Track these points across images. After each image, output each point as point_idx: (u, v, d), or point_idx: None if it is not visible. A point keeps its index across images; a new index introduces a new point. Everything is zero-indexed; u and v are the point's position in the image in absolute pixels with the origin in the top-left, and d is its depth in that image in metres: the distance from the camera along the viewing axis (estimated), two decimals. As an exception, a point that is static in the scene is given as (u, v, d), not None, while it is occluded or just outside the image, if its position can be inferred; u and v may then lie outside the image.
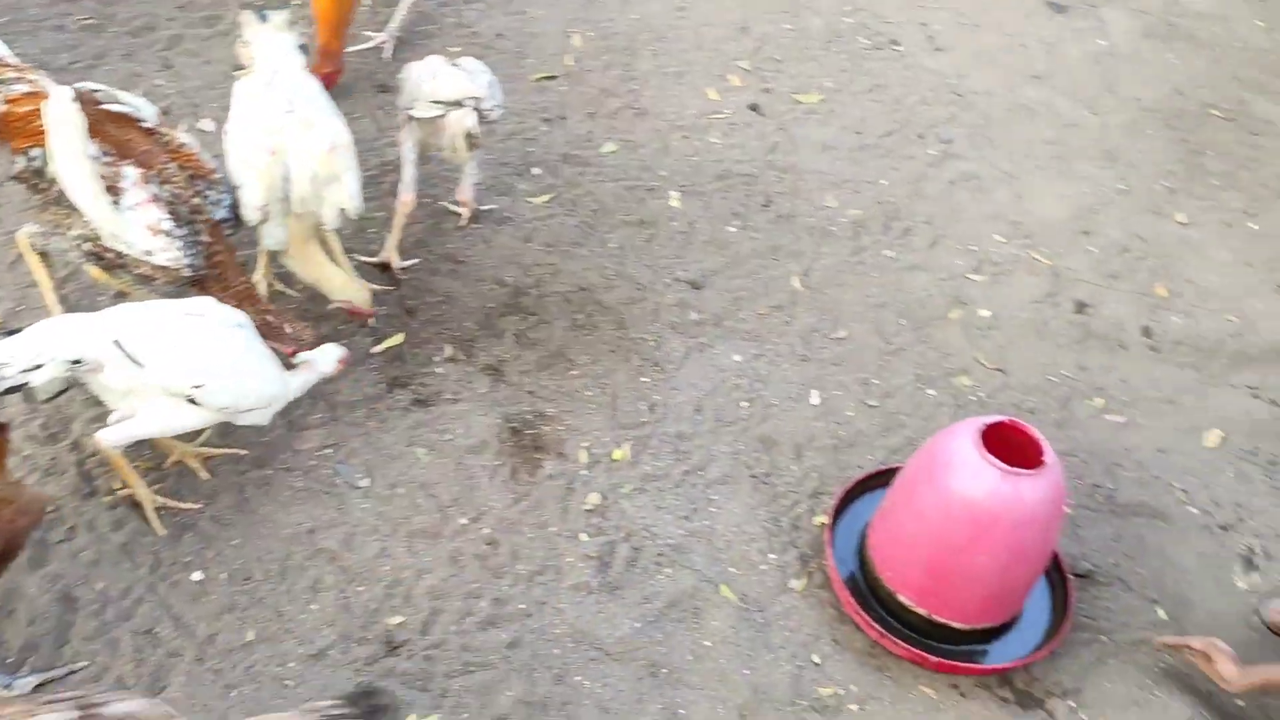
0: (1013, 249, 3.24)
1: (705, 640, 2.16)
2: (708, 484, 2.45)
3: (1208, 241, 3.39)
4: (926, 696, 2.15)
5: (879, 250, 3.15)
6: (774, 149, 3.39)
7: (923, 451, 2.17)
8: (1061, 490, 2.09)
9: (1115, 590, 2.40)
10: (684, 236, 3.03)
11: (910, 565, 2.17)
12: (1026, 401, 2.81)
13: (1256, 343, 3.07)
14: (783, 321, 2.88)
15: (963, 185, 3.43)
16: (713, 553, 2.31)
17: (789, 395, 2.69)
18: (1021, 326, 3.01)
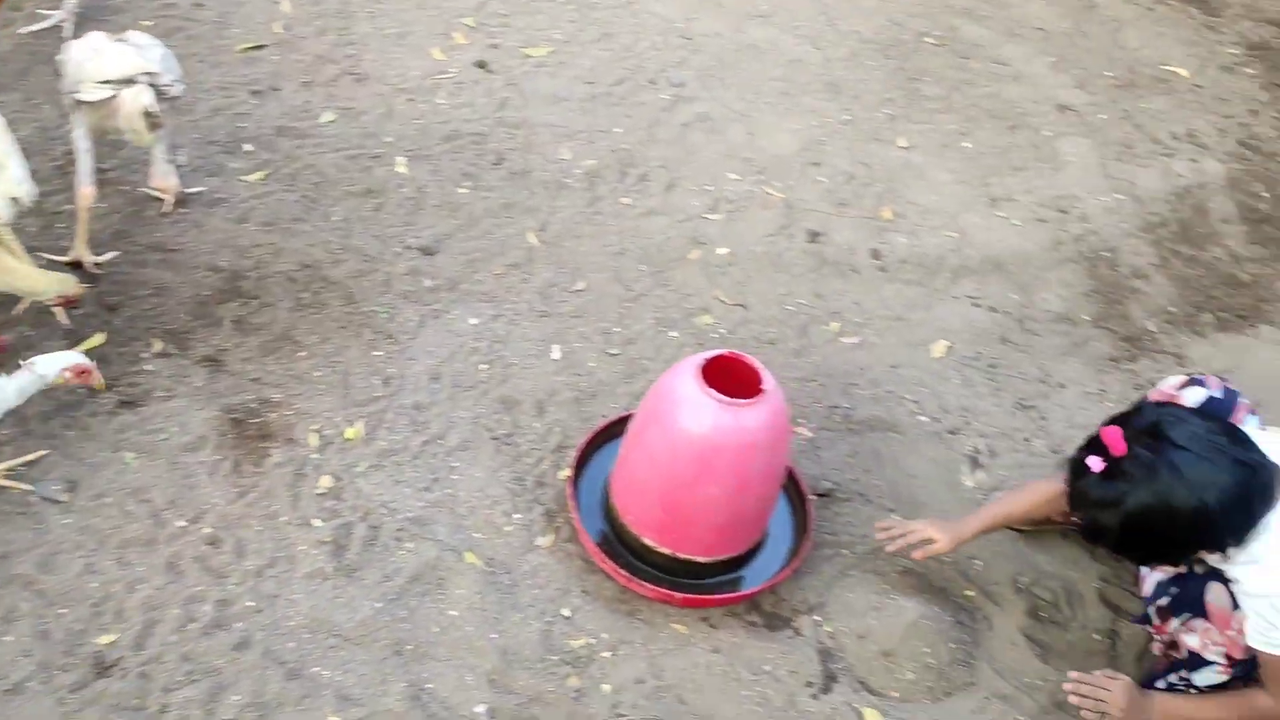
0: (747, 185, 3.30)
1: (451, 610, 2.12)
2: (448, 452, 2.40)
3: (927, 163, 3.54)
4: (677, 633, 2.17)
5: (616, 199, 3.14)
6: (504, 105, 3.33)
7: (650, 393, 2.19)
8: (784, 416, 2.14)
9: (855, 505, 2.49)
10: (413, 202, 2.95)
11: (648, 506, 2.18)
12: (767, 333, 2.87)
13: (974, 255, 3.24)
14: (520, 279, 2.84)
15: (696, 127, 3.46)
16: (456, 521, 2.27)
17: (529, 353, 2.66)
18: (758, 260, 3.07)
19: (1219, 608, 1.96)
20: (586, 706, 2.03)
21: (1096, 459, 1.70)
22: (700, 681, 2.10)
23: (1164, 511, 1.66)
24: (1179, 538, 1.73)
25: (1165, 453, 1.66)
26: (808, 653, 2.18)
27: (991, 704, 2.16)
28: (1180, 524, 1.69)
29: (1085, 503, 1.75)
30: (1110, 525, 1.71)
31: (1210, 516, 1.69)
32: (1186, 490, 1.64)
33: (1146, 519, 1.67)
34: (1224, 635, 1.96)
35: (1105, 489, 1.71)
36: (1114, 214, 3.53)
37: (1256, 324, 3.25)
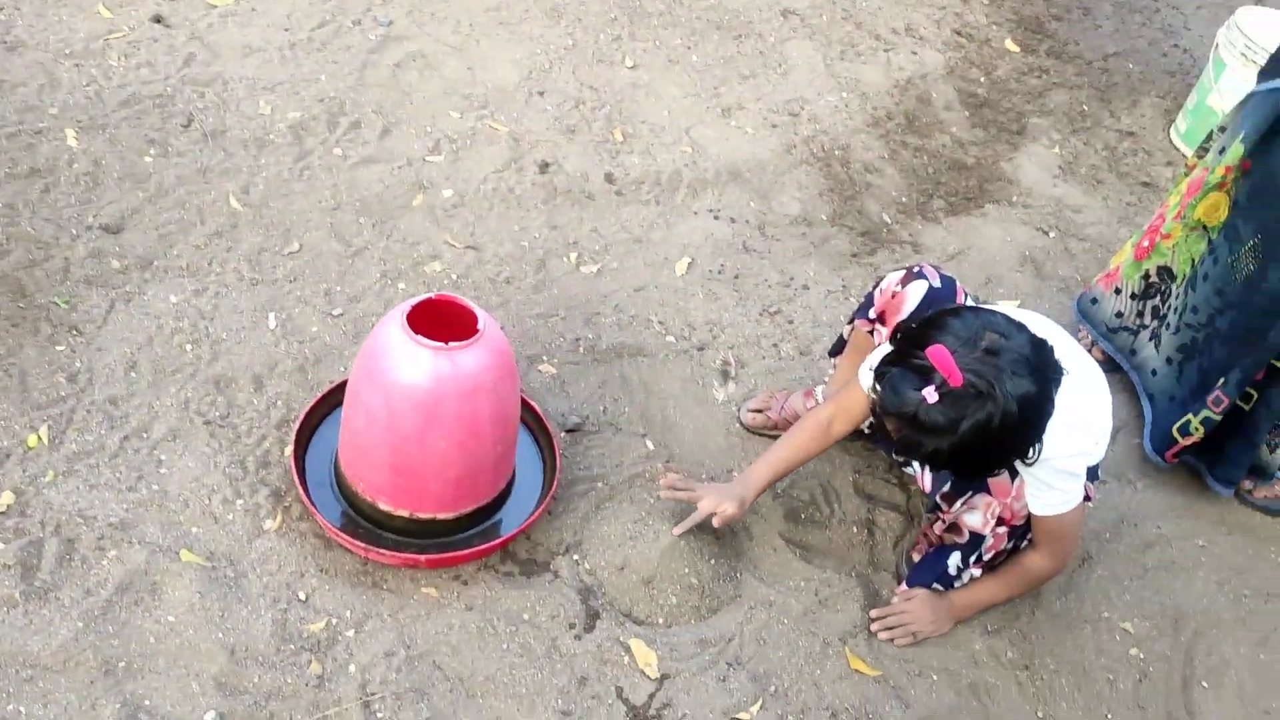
0: (469, 122, 3.14)
1: (168, 616, 1.92)
2: (153, 446, 2.17)
3: (655, 81, 3.47)
4: (428, 597, 2.05)
5: (327, 151, 2.93)
6: (189, 62, 3.04)
7: (361, 351, 2.02)
8: (508, 355, 2.02)
9: (606, 435, 2.41)
10: (90, 178, 2.65)
11: (377, 469, 2.03)
12: (502, 272, 2.74)
13: (709, 168, 3.19)
14: (225, 248, 2.60)
15: (410, 66, 3.27)
16: (167, 519, 2.06)
17: (242, 325, 2.44)
18: (488, 199, 2.93)
19: (999, 481, 2.01)
20: (332, 692, 1.88)
21: (931, 389, 1.65)
22: (455, 643, 1.98)
23: (995, 432, 1.65)
24: (1004, 452, 1.75)
25: (995, 377, 1.64)
26: (568, 594, 2.09)
27: (757, 612, 2.14)
28: (1007, 440, 1.69)
29: (914, 428, 1.68)
30: (941, 448, 1.68)
31: (1032, 428, 1.71)
32: (1015, 410, 1.64)
33: (978, 440, 1.65)
34: (1003, 503, 2.02)
35: (939, 415, 1.65)
36: (842, 112, 3.55)
37: (983, 204, 3.34)
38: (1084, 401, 1.88)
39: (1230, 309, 2.27)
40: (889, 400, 1.70)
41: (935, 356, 1.65)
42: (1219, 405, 2.28)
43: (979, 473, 1.87)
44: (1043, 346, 1.72)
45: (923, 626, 2.12)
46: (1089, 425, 1.91)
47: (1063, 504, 1.91)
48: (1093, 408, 1.93)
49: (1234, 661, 2.20)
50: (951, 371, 1.64)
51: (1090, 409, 1.92)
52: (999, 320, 1.71)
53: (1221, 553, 2.41)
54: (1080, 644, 2.18)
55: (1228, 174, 2.26)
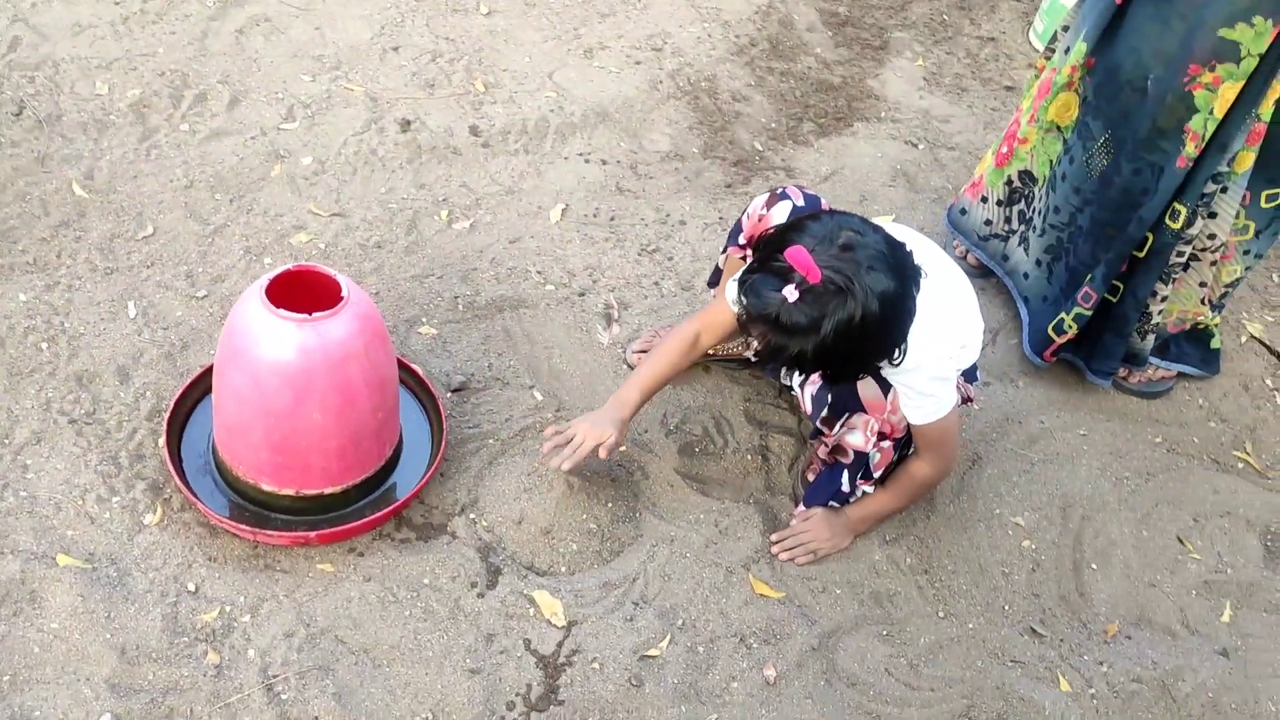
0: (323, 85, 3.04)
1: (51, 624, 1.84)
2: (16, 451, 2.07)
3: (513, 26, 3.39)
4: (324, 573, 2.00)
5: (174, 127, 2.81)
6: (15, 46, 2.88)
7: (223, 331, 1.95)
8: (376, 319, 1.97)
9: (494, 391, 2.38)
10: (-82, 178, 2.50)
11: (254, 450, 1.98)
12: (372, 237, 2.67)
13: (576, 111, 3.14)
14: (73, 239, 2.48)
15: (253, 32, 3.14)
16: (39, 524, 1.97)
17: (99, 317, 2.34)
18: (350, 163, 2.84)
19: (871, 397, 2.03)
20: (232, 680, 1.84)
21: (791, 288, 1.65)
22: (356, 616, 1.95)
23: (857, 329, 1.65)
24: (868, 351, 1.75)
25: (854, 272, 1.64)
26: (467, 554, 2.07)
27: (660, 549, 2.14)
28: (871, 338, 1.70)
29: (778, 330, 1.69)
30: (805, 350, 1.68)
31: (894, 326, 1.73)
32: (876, 306, 1.65)
33: (842, 338, 1.66)
34: (880, 419, 2.03)
35: (801, 314, 1.66)
36: (705, 43, 3.53)
37: (852, 123, 3.36)
38: (948, 306, 1.91)
39: (1089, 205, 2.32)
40: (752, 305, 1.70)
41: (793, 256, 1.66)
42: (1088, 301, 2.34)
43: (846, 374, 1.87)
44: (899, 246, 1.74)
45: (821, 544, 2.15)
46: (956, 329, 1.94)
47: (937, 410, 1.95)
48: (958, 312, 1.96)
49: (1119, 541, 2.28)
50: (810, 269, 1.64)
51: (955, 313, 1.95)
52: (855, 220, 1.73)
53: (1101, 439, 2.49)
54: (975, 542, 2.24)
55: (1074, 73, 2.30)
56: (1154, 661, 2.07)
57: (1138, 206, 2.21)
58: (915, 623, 2.09)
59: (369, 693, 1.86)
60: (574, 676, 1.93)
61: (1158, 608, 2.18)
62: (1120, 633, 2.12)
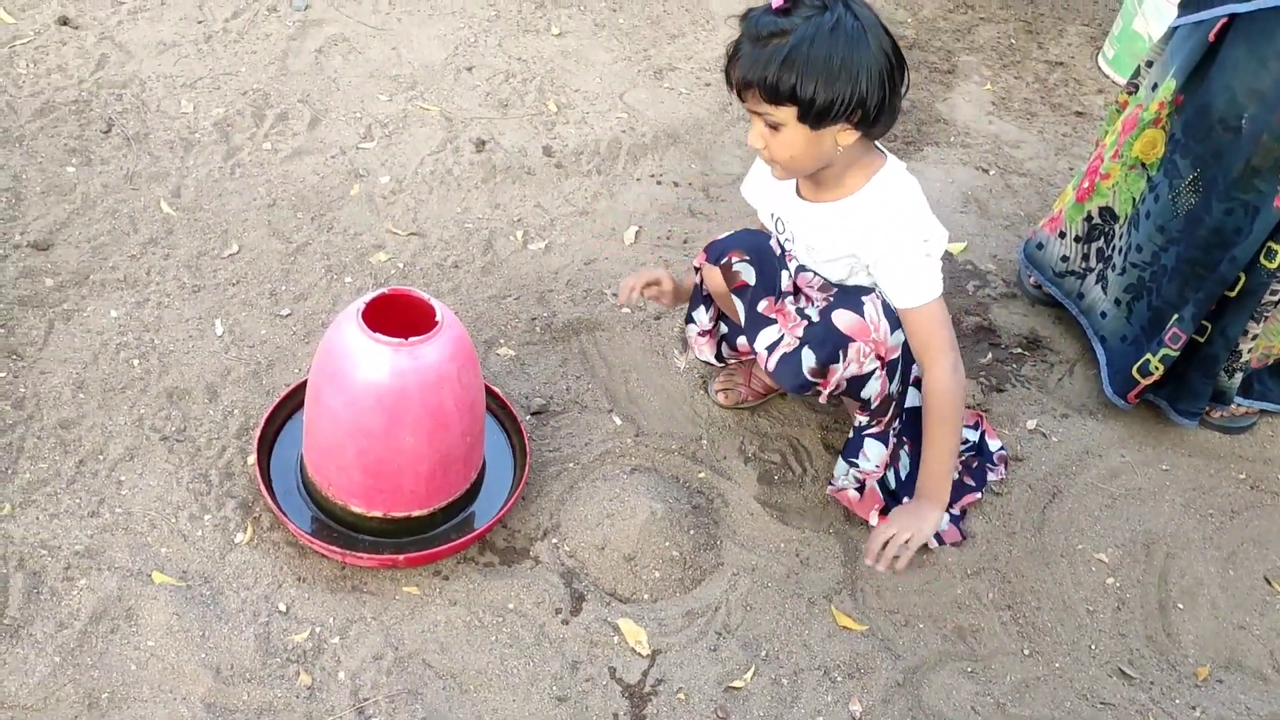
0: (400, 105, 3.07)
1: (148, 641, 1.87)
2: (111, 467, 2.11)
3: (584, 47, 3.41)
4: (410, 596, 2.02)
5: (256, 146, 2.85)
6: (103, 64, 2.93)
7: (318, 352, 1.97)
8: (467, 343, 1.99)
9: (573, 414, 2.39)
10: (11, 194, 2.55)
11: (345, 472, 1.99)
12: (449, 257, 2.69)
13: (647, 132, 3.15)
14: (161, 256, 2.52)
15: (332, 52, 3.18)
16: (135, 541, 2.00)
17: (188, 335, 2.37)
18: (426, 182, 2.87)
19: (850, 324, 1.95)
20: (324, 702, 1.85)
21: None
22: (443, 640, 1.96)
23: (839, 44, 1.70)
24: (848, 79, 1.73)
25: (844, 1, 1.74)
26: (551, 579, 2.08)
27: (741, 578, 2.14)
28: (852, 66, 1.72)
29: (755, 43, 1.75)
30: (775, 58, 1.72)
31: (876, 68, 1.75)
32: (858, 30, 1.71)
33: (819, 47, 1.70)
34: (870, 342, 1.96)
35: (779, 20, 1.73)
36: (775, 66, 3.52)
37: (922, 147, 3.35)
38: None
39: (1174, 245, 2.30)
40: (742, 31, 1.78)
41: None
42: (1176, 342, 2.31)
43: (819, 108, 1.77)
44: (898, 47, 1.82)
45: (912, 533, 1.99)
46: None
47: (925, 290, 1.92)
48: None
49: (1205, 580, 2.26)
50: None
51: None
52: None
53: (1184, 475, 2.46)
54: (1058, 578, 2.22)
55: (1161, 110, 2.28)
56: (1248, 707, 2.04)
57: (1230, 246, 2.19)
58: (1000, 660, 2.07)
59: (457, 718, 1.87)
60: (659, 707, 1.93)
61: (1248, 651, 2.15)
62: (1211, 676, 2.09)
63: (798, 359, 2.01)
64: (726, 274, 2.10)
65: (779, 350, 2.05)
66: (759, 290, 2.09)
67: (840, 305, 1.99)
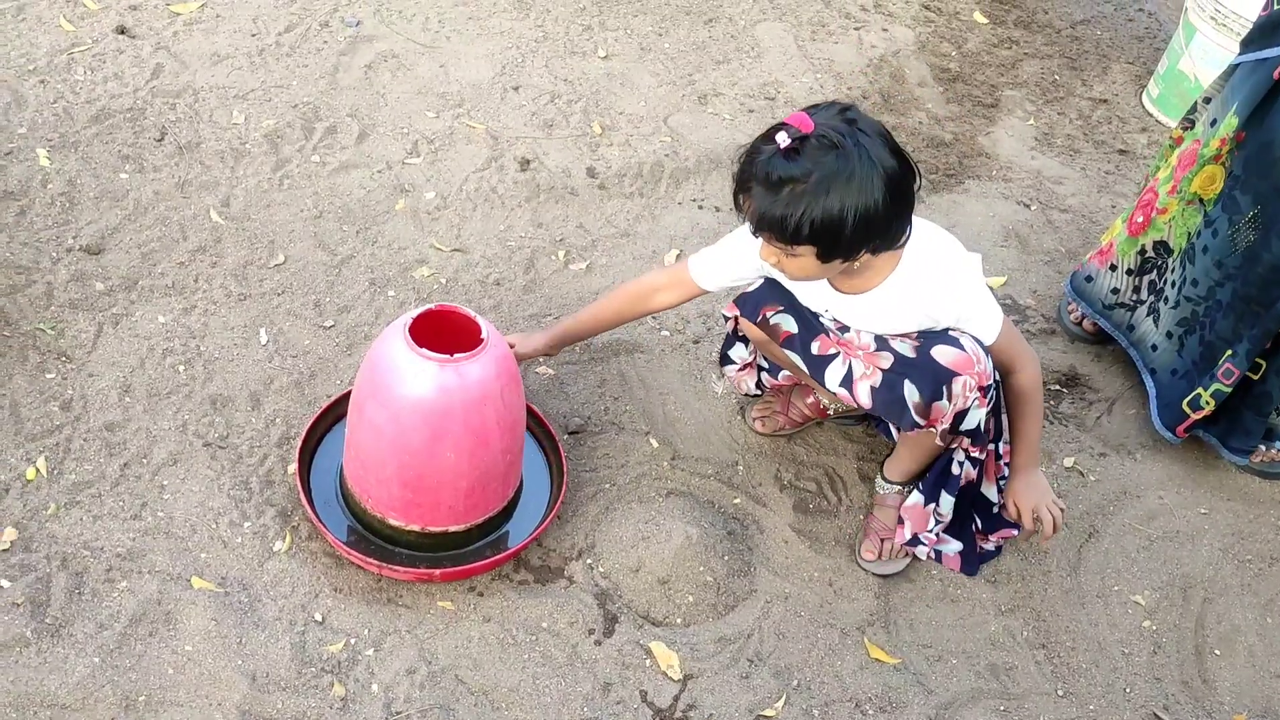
0: (446, 122, 3.10)
1: (185, 646, 1.89)
2: (154, 471, 2.13)
3: (630, 71, 3.44)
4: (445, 611, 2.03)
5: (305, 158, 2.88)
6: (158, 73, 2.98)
7: (363, 365, 2.00)
8: (511, 361, 2.01)
9: (610, 435, 2.40)
10: (66, 198, 2.59)
11: (385, 485, 2.01)
12: (491, 274, 2.71)
13: (690, 156, 3.17)
14: (209, 264, 2.56)
15: (382, 67, 3.22)
16: (175, 545, 2.02)
17: (233, 342, 2.40)
18: (471, 199, 2.89)
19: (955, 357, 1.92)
20: (357, 714, 1.86)
21: (783, 134, 1.64)
22: (476, 656, 1.97)
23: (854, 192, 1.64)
24: (863, 221, 1.69)
25: (851, 133, 1.65)
26: (584, 599, 2.08)
27: (775, 606, 2.14)
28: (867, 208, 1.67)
29: (766, 187, 1.68)
30: (792, 213, 1.66)
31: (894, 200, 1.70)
32: (873, 171, 1.64)
33: (834, 198, 1.64)
34: (974, 374, 1.93)
35: (791, 166, 1.65)
36: (817, 94, 3.54)
37: (964, 180, 3.35)
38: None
39: (1231, 280, 2.29)
40: (744, 164, 1.72)
41: (790, 118, 1.68)
42: (1229, 378, 2.30)
43: (838, 249, 1.74)
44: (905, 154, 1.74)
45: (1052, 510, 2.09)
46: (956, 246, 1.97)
47: (997, 314, 1.96)
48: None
49: (1243, 627, 2.23)
50: (804, 122, 1.65)
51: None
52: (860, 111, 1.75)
53: (1223, 519, 2.44)
54: (1094, 619, 2.20)
55: (1222, 146, 2.27)
56: (1285, 757, 2.02)
57: (1289, 284, 2.18)
58: (1034, 700, 2.06)
59: (489, 735, 1.88)
60: (690, 732, 1.93)
61: (1286, 700, 2.12)
62: (1247, 724, 2.07)
63: (900, 394, 1.94)
64: (766, 330, 2.08)
65: (862, 383, 1.98)
66: (806, 334, 2.04)
67: (940, 341, 1.94)
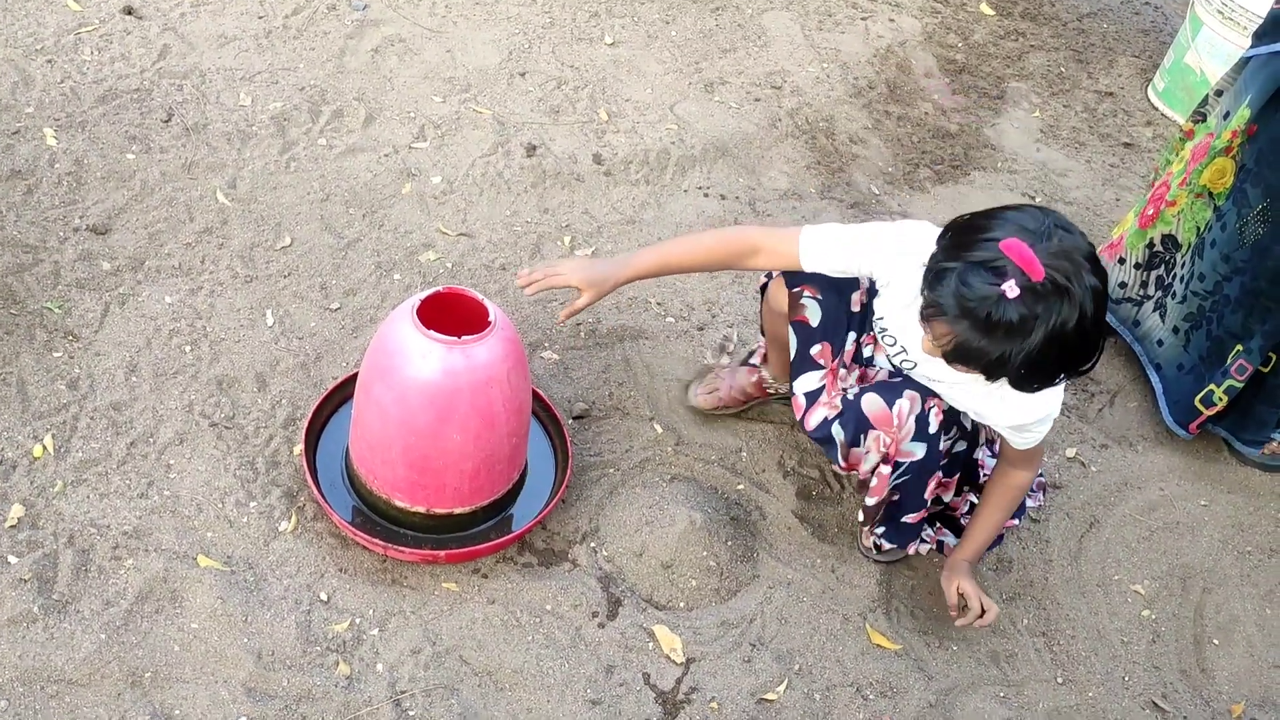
0: (453, 106, 3.10)
1: (191, 623, 1.90)
2: (161, 450, 2.14)
3: (636, 58, 3.44)
4: (449, 592, 2.04)
5: (311, 141, 2.88)
6: (165, 54, 2.97)
7: (371, 347, 2.00)
8: (518, 344, 2.01)
9: (614, 420, 2.41)
10: (73, 178, 2.59)
11: (391, 466, 2.02)
12: (498, 259, 2.72)
13: (696, 144, 3.17)
14: (216, 245, 2.56)
15: (388, 52, 3.22)
16: (181, 524, 2.03)
17: (239, 324, 2.41)
18: (477, 184, 2.90)
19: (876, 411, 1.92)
20: (362, 692, 1.87)
21: (1011, 284, 1.53)
22: (480, 637, 1.98)
23: (1072, 334, 1.56)
24: (1069, 359, 1.62)
25: (1074, 272, 1.54)
26: (588, 582, 2.10)
27: (777, 592, 2.15)
28: (1079, 344, 1.60)
29: (983, 329, 1.57)
30: (1009, 352, 1.56)
31: (1100, 332, 1.62)
32: (1091, 310, 1.56)
33: (1052, 342, 1.55)
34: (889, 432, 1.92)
35: (1015, 312, 1.54)
36: (824, 84, 3.55)
37: (969, 171, 3.36)
38: None
39: (1239, 274, 2.29)
40: (956, 297, 1.56)
41: (1011, 250, 1.53)
42: (1243, 374, 2.31)
43: (1036, 382, 1.67)
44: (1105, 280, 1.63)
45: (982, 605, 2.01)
46: None
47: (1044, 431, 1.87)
48: None
49: (1242, 617, 2.25)
50: (1032, 264, 1.52)
51: None
52: (1055, 216, 1.62)
53: (1223, 511, 2.45)
54: (1094, 608, 2.21)
55: (1234, 138, 2.27)
56: (1282, 746, 2.04)
57: (1300, 277, 2.19)
58: (1034, 686, 2.07)
59: (492, 715, 1.89)
60: (692, 715, 1.94)
61: (1283, 690, 2.14)
62: (1245, 714, 2.08)
63: (829, 431, 1.97)
64: (793, 302, 2.05)
65: (818, 409, 1.99)
66: (818, 333, 2.02)
67: (876, 391, 1.92)
